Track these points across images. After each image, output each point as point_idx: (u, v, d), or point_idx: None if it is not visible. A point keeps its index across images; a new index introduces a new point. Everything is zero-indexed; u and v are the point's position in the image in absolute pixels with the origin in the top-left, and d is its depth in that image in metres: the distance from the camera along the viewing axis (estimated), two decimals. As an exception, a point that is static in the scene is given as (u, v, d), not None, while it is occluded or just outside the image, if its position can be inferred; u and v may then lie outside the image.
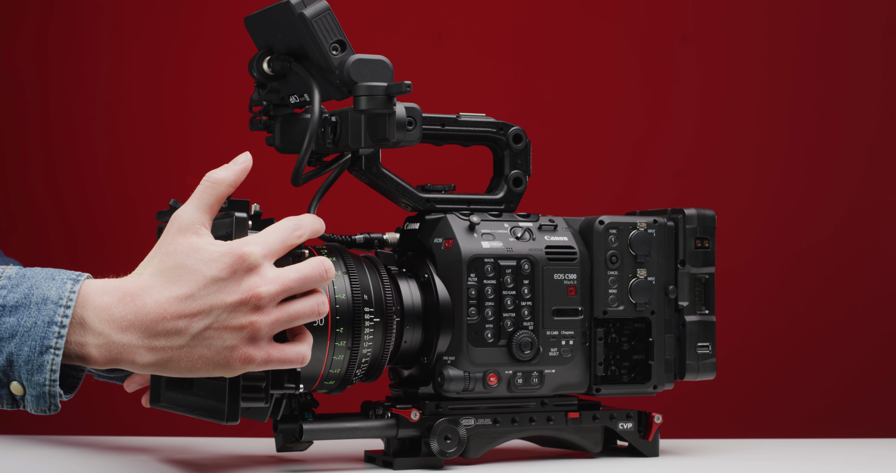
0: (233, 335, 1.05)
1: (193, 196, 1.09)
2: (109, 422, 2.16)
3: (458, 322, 1.25)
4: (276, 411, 1.16)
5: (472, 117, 1.33)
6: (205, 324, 1.04)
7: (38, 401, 1.03)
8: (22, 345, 1.01)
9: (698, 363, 1.36)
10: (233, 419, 1.10)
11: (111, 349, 1.03)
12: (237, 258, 1.05)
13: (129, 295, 1.04)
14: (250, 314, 1.05)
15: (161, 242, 1.08)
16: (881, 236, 2.26)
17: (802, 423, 2.23)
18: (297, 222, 1.12)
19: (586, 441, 1.32)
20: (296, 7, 1.20)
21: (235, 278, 1.05)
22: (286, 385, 1.13)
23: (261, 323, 1.06)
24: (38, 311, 1.02)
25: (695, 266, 1.36)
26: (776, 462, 1.37)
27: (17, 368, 1.02)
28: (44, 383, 1.02)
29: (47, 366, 1.02)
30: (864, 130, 2.28)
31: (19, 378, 1.02)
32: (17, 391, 1.03)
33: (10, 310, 1.02)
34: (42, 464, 1.32)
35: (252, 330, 1.05)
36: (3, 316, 1.02)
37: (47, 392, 1.03)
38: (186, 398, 1.20)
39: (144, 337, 1.03)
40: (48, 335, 1.01)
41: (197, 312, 1.04)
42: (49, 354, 1.01)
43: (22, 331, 1.01)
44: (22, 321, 1.02)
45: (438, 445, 1.24)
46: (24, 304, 1.02)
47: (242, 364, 1.06)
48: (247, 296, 1.05)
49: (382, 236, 1.30)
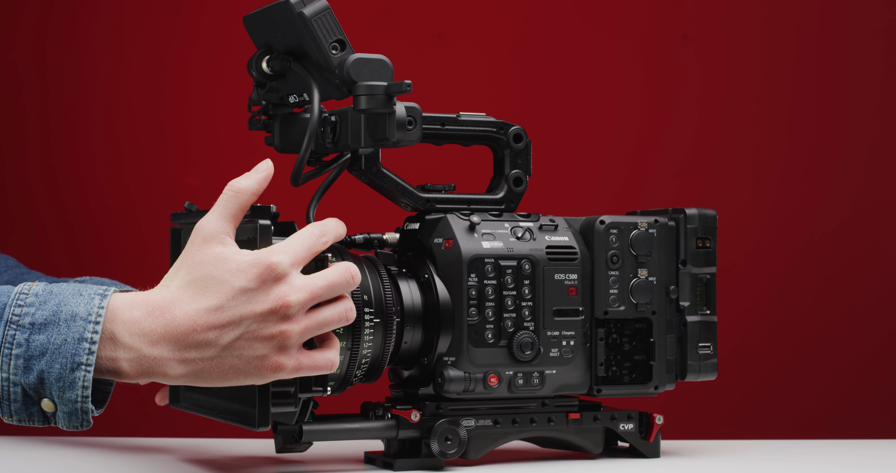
0: (263, 344, 1.06)
1: (217, 205, 1.09)
2: (108, 423, 2.15)
3: (459, 323, 1.24)
4: (302, 414, 1.16)
5: (473, 117, 1.33)
6: (235, 335, 1.05)
7: (70, 418, 1.03)
8: (53, 363, 1.02)
9: (699, 364, 1.36)
10: (264, 424, 1.11)
11: (143, 363, 1.03)
12: (265, 268, 1.05)
13: (159, 308, 1.04)
14: (280, 324, 1.06)
15: (186, 252, 1.08)
16: (883, 236, 2.26)
17: (804, 424, 2.23)
18: (322, 229, 1.12)
19: (587, 442, 1.32)
20: (295, 6, 1.19)
21: (264, 288, 1.05)
22: (314, 389, 1.14)
23: (291, 332, 1.06)
24: (68, 328, 1.02)
25: (696, 266, 1.36)
26: (777, 463, 1.36)
27: (49, 385, 1.02)
28: (76, 399, 1.02)
29: (79, 383, 1.02)
30: (865, 129, 2.27)
31: (50, 396, 1.02)
32: (48, 408, 1.03)
33: (40, 328, 1.02)
34: (41, 465, 1.32)
35: (282, 339, 1.06)
36: (32, 334, 1.02)
37: (79, 409, 1.03)
38: (210, 401, 1.20)
39: (175, 350, 1.04)
40: (79, 351, 1.02)
41: (227, 323, 1.04)
42: (80, 370, 1.02)
43: (52, 348, 1.02)
44: (52, 338, 1.02)
45: (439, 446, 1.23)
46: (52, 321, 1.02)
47: (273, 373, 1.06)
48: (276, 305, 1.05)
49: (382, 236, 1.30)
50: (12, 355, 1.01)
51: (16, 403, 1.02)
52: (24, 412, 1.03)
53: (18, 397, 1.02)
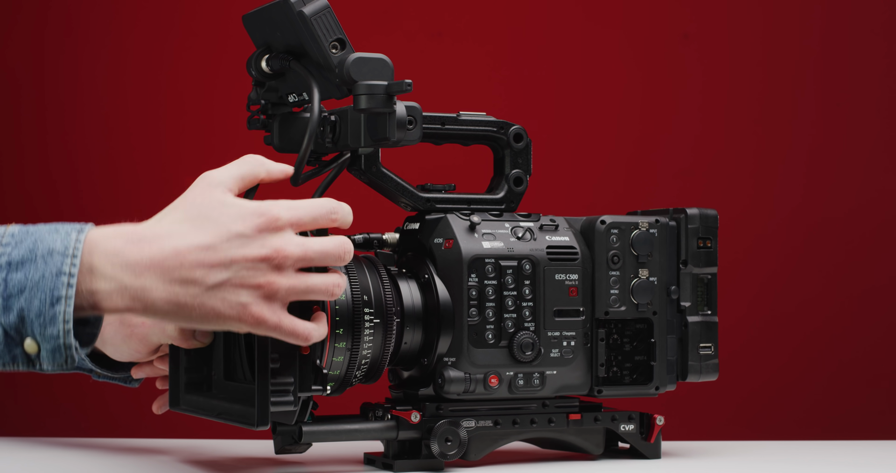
0: (249, 292, 1.04)
1: (231, 164, 1.08)
2: (105, 424, 2.15)
3: (459, 323, 1.24)
4: (302, 414, 1.15)
5: (473, 116, 1.32)
6: (223, 278, 1.03)
7: (53, 356, 1.01)
8: (32, 299, 1.00)
9: (700, 364, 1.35)
10: (263, 423, 1.10)
11: (124, 294, 1.01)
12: (266, 219, 1.04)
13: (146, 239, 1.02)
14: (269, 273, 1.04)
15: (186, 195, 1.06)
16: (884, 235, 2.25)
17: (805, 425, 2.22)
18: (335, 206, 1.10)
19: (588, 443, 1.32)
20: (295, 5, 1.19)
21: (260, 236, 1.04)
22: (313, 388, 1.13)
23: (278, 285, 1.04)
24: (45, 263, 1.00)
25: (697, 266, 1.36)
26: (779, 465, 1.36)
27: (29, 323, 1.00)
28: (57, 335, 1.00)
29: (59, 317, 1.00)
30: (866, 128, 2.27)
31: (32, 334, 1.00)
32: (31, 349, 1.01)
33: (17, 266, 1.00)
34: (40, 465, 1.31)
35: (269, 290, 1.04)
36: (10, 273, 1.00)
37: (62, 344, 1.01)
38: (209, 402, 1.19)
39: (160, 282, 1.01)
40: (57, 285, 0.99)
41: (217, 263, 1.02)
42: (60, 304, 1.00)
43: (31, 285, 1.00)
44: (30, 275, 1.00)
45: (439, 447, 1.23)
46: (29, 259, 1.00)
47: (253, 323, 1.04)
48: (269, 255, 1.04)
49: (382, 236, 1.30)
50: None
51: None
52: (7, 354, 1.01)
53: (0, 339, 1.00)
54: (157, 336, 1.26)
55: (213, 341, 1.22)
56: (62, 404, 2.20)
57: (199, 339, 1.21)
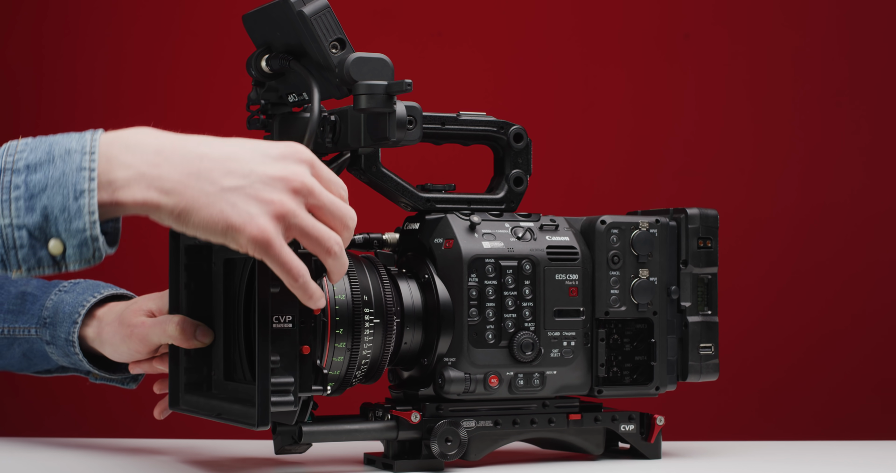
0: (260, 205, 1.03)
1: None
2: (105, 424, 2.15)
3: (459, 323, 1.24)
4: (302, 414, 1.15)
5: (473, 116, 1.32)
6: (238, 183, 1.03)
7: (80, 251, 1.00)
8: (55, 196, 0.99)
9: (701, 364, 1.35)
10: (263, 424, 1.10)
11: (141, 182, 1.00)
12: (295, 151, 1.05)
13: (169, 134, 1.03)
14: (284, 193, 1.04)
15: None
16: (885, 235, 2.25)
17: (806, 425, 2.22)
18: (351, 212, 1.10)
19: (588, 443, 1.32)
20: (295, 5, 1.19)
21: (285, 161, 1.05)
22: (313, 388, 1.12)
23: (289, 206, 1.04)
24: (64, 162, 1.00)
25: (697, 266, 1.35)
26: (780, 465, 1.36)
27: (53, 220, 1.00)
28: (83, 228, 1.00)
29: (84, 209, 0.99)
30: (867, 128, 2.27)
31: (57, 233, 1.00)
32: (55, 250, 1.00)
33: (35, 167, 1.00)
34: (40, 466, 1.31)
35: (279, 209, 1.04)
36: (29, 175, 1.00)
37: (89, 237, 1.00)
38: (209, 402, 1.19)
39: (176, 172, 1.01)
40: (79, 180, 0.99)
41: (236, 171, 1.03)
42: (83, 197, 0.99)
43: (51, 183, 1.00)
44: (49, 174, 1.00)
45: (439, 447, 1.23)
46: (47, 160, 1.01)
47: (257, 235, 1.03)
48: (288, 176, 1.04)
49: (382, 236, 1.29)
50: (11, 199, 1.00)
51: (22, 249, 1.00)
52: (33, 258, 1.00)
53: (24, 241, 1.00)
54: (157, 337, 1.26)
55: (212, 341, 1.22)
56: (62, 404, 2.20)
57: (200, 339, 1.21)
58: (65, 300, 1.38)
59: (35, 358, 1.41)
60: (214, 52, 2.18)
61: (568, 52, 2.25)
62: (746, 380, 2.21)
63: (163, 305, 1.30)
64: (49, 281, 1.43)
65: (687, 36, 2.26)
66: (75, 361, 1.37)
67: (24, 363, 1.42)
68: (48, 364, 1.42)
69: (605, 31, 2.26)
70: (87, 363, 1.36)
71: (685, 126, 2.26)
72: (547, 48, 2.25)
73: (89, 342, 1.35)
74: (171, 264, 1.23)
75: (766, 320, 2.24)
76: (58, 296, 1.39)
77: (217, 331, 1.21)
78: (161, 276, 1.27)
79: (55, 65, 2.20)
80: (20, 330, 1.40)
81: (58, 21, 2.20)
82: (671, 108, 2.26)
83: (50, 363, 1.41)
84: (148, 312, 1.31)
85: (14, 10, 2.20)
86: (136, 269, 2.08)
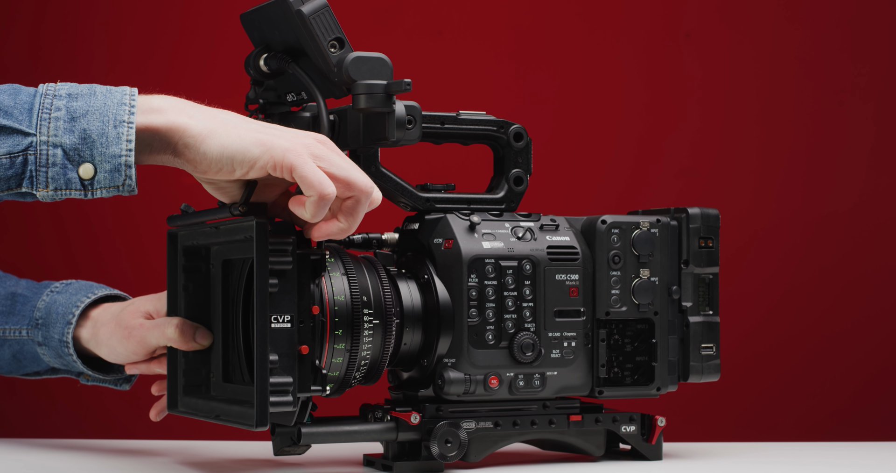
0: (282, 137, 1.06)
1: None
2: (103, 425, 2.14)
3: (459, 324, 1.23)
4: (301, 415, 1.15)
5: (473, 115, 1.32)
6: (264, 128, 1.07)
7: (112, 176, 1.04)
8: (94, 121, 1.03)
9: (702, 365, 1.35)
10: (262, 424, 1.09)
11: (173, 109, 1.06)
12: (318, 137, 1.08)
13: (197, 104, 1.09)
14: (306, 138, 1.07)
15: None
16: (887, 235, 2.25)
17: (808, 425, 2.22)
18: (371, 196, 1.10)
19: (588, 445, 1.31)
20: (293, 4, 1.18)
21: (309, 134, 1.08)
22: (312, 389, 1.12)
23: (306, 152, 1.06)
24: (105, 96, 1.04)
25: (698, 266, 1.35)
26: (781, 466, 1.36)
27: (91, 143, 1.02)
28: (119, 153, 1.03)
29: (123, 137, 1.03)
30: (869, 127, 2.26)
31: (91, 157, 1.03)
32: (86, 174, 1.03)
33: (77, 97, 1.04)
34: (39, 466, 1.31)
35: (297, 145, 1.06)
36: (71, 101, 1.03)
37: (123, 164, 1.03)
38: (207, 404, 1.19)
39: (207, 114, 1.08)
40: (120, 111, 1.04)
41: (260, 126, 1.08)
42: (123, 126, 1.03)
43: (93, 110, 1.03)
44: (91, 103, 1.04)
45: (439, 448, 1.22)
46: (89, 93, 1.05)
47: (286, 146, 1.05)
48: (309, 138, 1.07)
49: (381, 236, 1.29)
50: (52, 118, 1.03)
51: (54, 167, 1.02)
52: (62, 177, 1.02)
53: (58, 159, 1.02)
54: (155, 339, 1.25)
55: (211, 343, 1.21)
56: (59, 405, 2.20)
57: (199, 341, 1.20)
58: (57, 301, 1.37)
59: (25, 360, 1.40)
60: (212, 52, 2.18)
61: (568, 52, 2.25)
62: (748, 381, 2.21)
63: (160, 306, 1.30)
64: (40, 282, 1.42)
65: (688, 35, 2.26)
66: (68, 362, 1.36)
67: (14, 364, 1.41)
68: (38, 366, 1.41)
69: (605, 31, 2.26)
70: (81, 364, 1.35)
71: (686, 126, 2.26)
72: (547, 47, 2.25)
73: (84, 344, 1.35)
74: (169, 265, 1.23)
75: (768, 320, 2.24)
76: (50, 297, 1.38)
77: (215, 333, 1.21)
78: (158, 277, 1.27)
79: (52, 63, 2.19)
80: (10, 331, 1.39)
81: (55, 20, 2.20)
82: (672, 107, 2.25)
83: (40, 365, 1.41)
84: (146, 313, 1.30)
85: (12, 10, 2.20)
86: (133, 270, 2.07)
